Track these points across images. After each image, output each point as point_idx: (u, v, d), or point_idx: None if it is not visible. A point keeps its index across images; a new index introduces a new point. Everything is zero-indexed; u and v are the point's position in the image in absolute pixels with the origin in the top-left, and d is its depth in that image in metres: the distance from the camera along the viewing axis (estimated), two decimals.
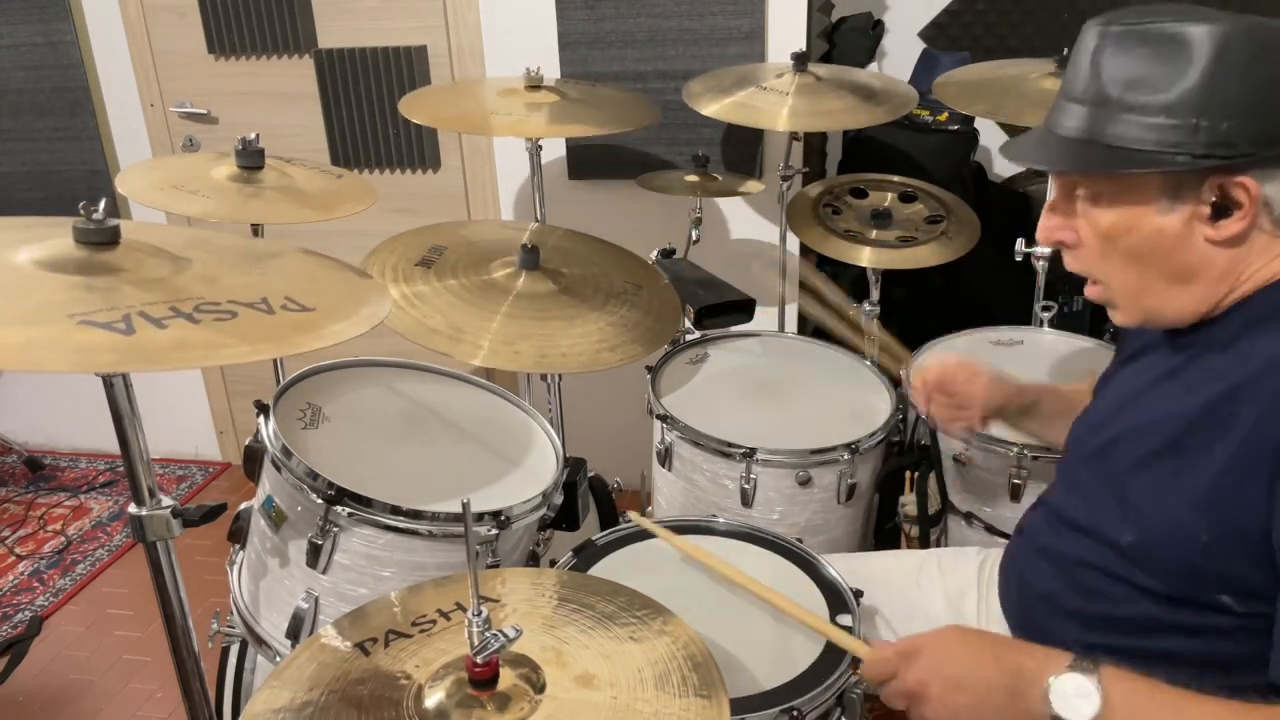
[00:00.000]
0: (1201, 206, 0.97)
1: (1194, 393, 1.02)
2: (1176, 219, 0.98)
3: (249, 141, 1.87)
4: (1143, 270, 1.02)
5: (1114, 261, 1.04)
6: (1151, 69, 0.95)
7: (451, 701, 0.91)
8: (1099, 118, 0.99)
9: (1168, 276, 1.02)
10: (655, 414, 1.78)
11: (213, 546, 2.74)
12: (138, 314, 0.92)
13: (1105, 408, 1.19)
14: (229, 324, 0.94)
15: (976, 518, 1.77)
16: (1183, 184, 0.96)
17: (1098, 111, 0.99)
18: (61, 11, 2.81)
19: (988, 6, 2.90)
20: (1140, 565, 1.04)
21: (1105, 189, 1.01)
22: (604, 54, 2.54)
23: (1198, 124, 0.93)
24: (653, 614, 1.04)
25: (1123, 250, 1.02)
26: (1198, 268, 1.00)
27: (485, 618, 0.91)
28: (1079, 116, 1.01)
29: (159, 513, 1.05)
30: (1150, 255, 1.01)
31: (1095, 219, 1.03)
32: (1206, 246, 0.99)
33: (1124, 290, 1.06)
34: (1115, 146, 0.97)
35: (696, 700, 0.91)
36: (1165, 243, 0.99)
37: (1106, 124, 0.98)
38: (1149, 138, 0.95)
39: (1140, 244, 1.01)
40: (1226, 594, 0.98)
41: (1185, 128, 0.94)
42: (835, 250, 2.16)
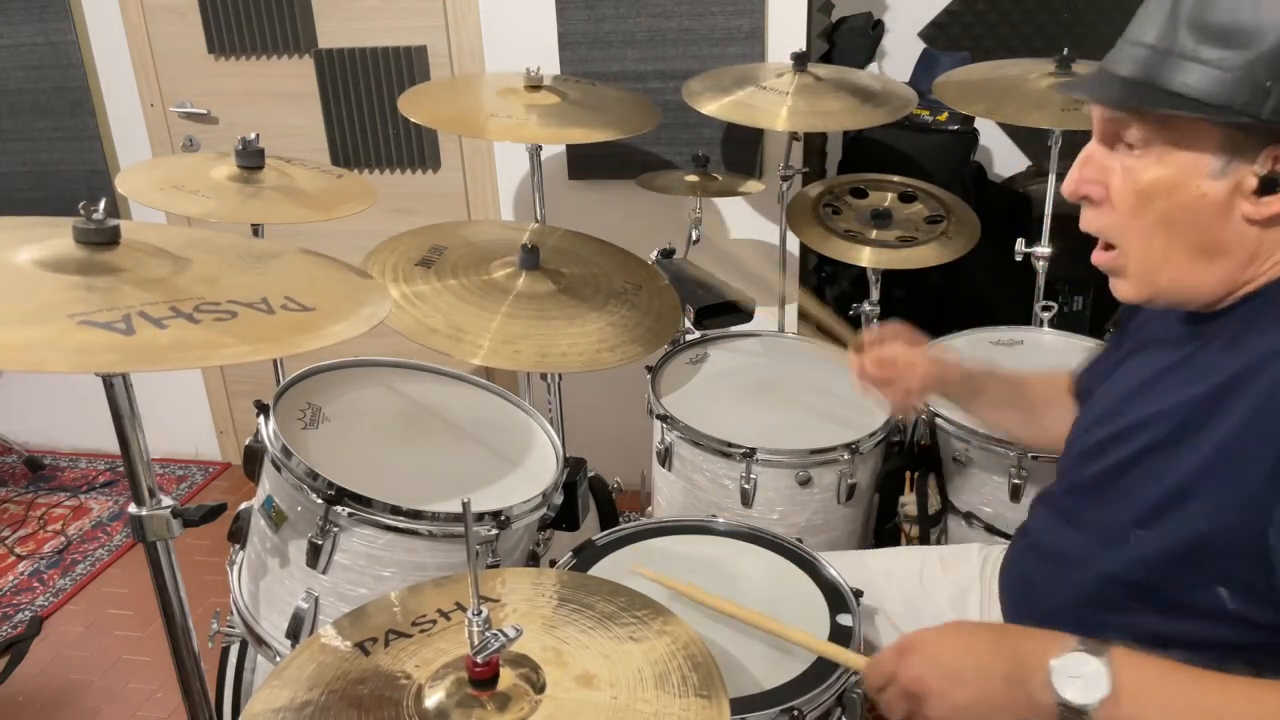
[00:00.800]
0: (1250, 178, 0.91)
1: (1190, 386, 0.99)
2: (1223, 186, 0.93)
3: (249, 141, 1.87)
4: (1170, 238, 0.97)
5: (1143, 224, 0.98)
6: (1237, 22, 0.89)
7: (451, 701, 0.91)
8: (1166, 64, 0.92)
9: (1194, 249, 0.97)
10: (655, 414, 1.78)
11: (213, 546, 2.74)
12: (138, 314, 0.92)
13: (1105, 405, 1.17)
14: (229, 324, 0.94)
15: (976, 518, 1.77)
16: (1240, 147, 0.91)
17: (1166, 57, 0.92)
18: (61, 11, 2.81)
19: (988, 6, 2.90)
20: (1144, 559, 1.02)
21: (1157, 139, 0.95)
22: (604, 54, 2.54)
23: (1270, 86, 0.87)
24: (653, 614, 1.04)
25: (1158, 212, 0.96)
26: (1227, 245, 0.95)
27: (485, 617, 0.91)
28: (1143, 60, 0.94)
29: (159, 513, 1.05)
30: (1184, 222, 0.96)
31: (1138, 173, 0.97)
32: (1241, 224, 0.94)
33: (1143, 259, 1.00)
34: (1178, 93, 0.91)
35: (696, 700, 0.91)
36: (1204, 211, 0.94)
37: (1174, 71, 0.91)
38: (1218, 91, 0.89)
39: (1178, 208, 0.95)
40: (1223, 586, 0.96)
41: (1258, 88, 0.88)
42: (835, 250, 2.16)
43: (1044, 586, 1.16)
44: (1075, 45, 2.13)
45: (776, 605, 1.30)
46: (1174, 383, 1.04)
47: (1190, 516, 0.97)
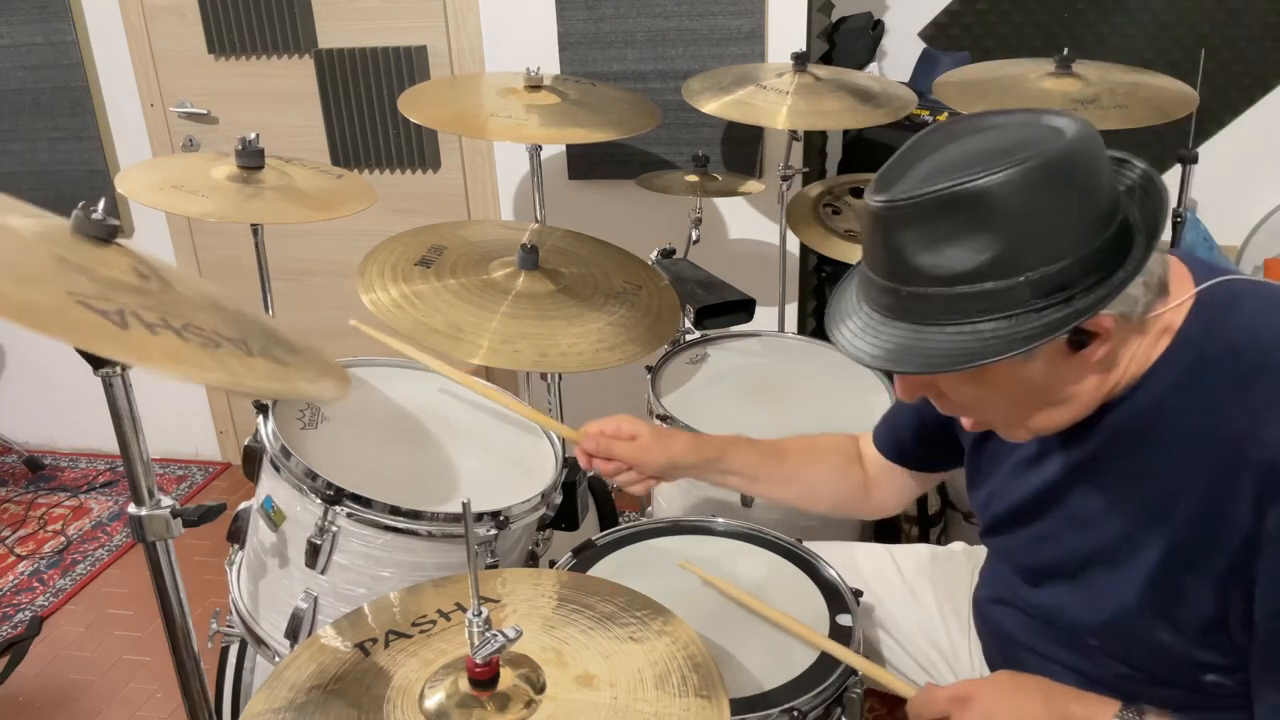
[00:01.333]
0: (1061, 344, 0.90)
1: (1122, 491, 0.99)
2: (1039, 364, 0.92)
3: (249, 141, 1.87)
4: (1020, 406, 0.98)
5: (987, 409, 1.00)
6: (958, 236, 0.85)
7: (451, 701, 0.91)
8: (924, 297, 0.88)
9: (1048, 405, 0.97)
10: (655, 414, 1.77)
11: (212, 546, 2.74)
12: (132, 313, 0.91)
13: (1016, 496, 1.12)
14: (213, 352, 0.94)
15: (976, 517, 1.77)
16: None
17: (916, 290, 0.88)
18: (61, 11, 2.81)
19: (988, 6, 2.89)
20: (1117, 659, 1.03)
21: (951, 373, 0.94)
22: (604, 54, 2.54)
23: (1027, 279, 0.85)
24: (653, 614, 1.04)
25: (992, 399, 0.97)
26: (1076, 390, 0.95)
27: (485, 618, 0.91)
28: (902, 297, 0.90)
29: (159, 513, 1.05)
30: (1021, 395, 0.96)
31: (954, 390, 0.99)
32: (1077, 373, 0.94)
33: (1005, 423, 1.02)
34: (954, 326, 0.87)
35: (696, 700, 0.91)
36: (1034, 386, 0.94)
37: (935, 302, 0.88)
38: (984, 307, 0.86)
39: (1009, 393, 0.96)
40: (1212, 674, 0.97)
41: (1017, 286, 0.85)
42: (835, 250, 2.16)
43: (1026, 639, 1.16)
44: (1075, 45, 2.13)
45: (776, 605, 1.30)
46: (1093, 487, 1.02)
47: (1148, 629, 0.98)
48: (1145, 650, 1.00)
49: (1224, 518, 0.89)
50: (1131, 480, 0.98)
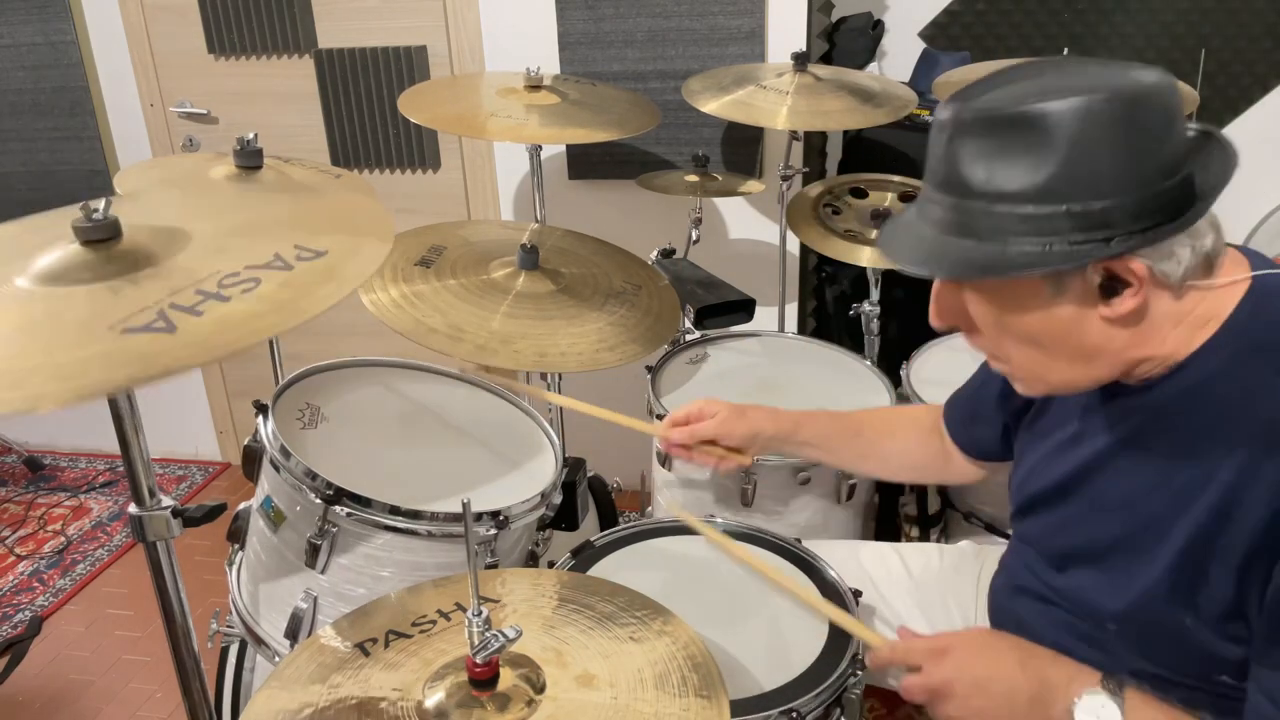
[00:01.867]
0: (1089, 290, 0.91)
1: (1154, 474, 0.98)
2: (1067, 304, 0.92)
3: (247, 142, 1.86)
4: (1043, 352, 0.97)
5: (1011, 345, 0.98)
6: (1013, 156, 0.87)
7: (451, 701, 0.91)
8: (966, 210, 0.91)
9: (1069, 356, 0.96)
10: (655, 414, 1.77)
11: (212, 546, 2.74)
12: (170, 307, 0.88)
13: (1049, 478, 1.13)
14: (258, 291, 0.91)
15: (976, 517, 1.77)
16: (1064, 273, 0.90)
17: (964, 203, 0.91)
18: (61, 11, 2.81)
19: (988, 6, 2.89)
20: (1133, 648, 1.03)
21: (987, 286, 0.96)
22: (604, 54, 2.54)
23: (1069, 209, 0.86)
24: (652, 614, 1.04)
25: (1018, 336, 0.97)
26: (1101, 345, 0.94)
27: (485, 618, 0.91)
28: (945, 208, 0.93)
29: (159, 513, 1.05)
30: (1047, 339, 0.95)
31: (983, 311, 0.97)
32: (1104, 325, 0.93)
33: (1028, 370, 1.00)
34: (987, 241, 0.90)
35: (696, 700, 0.91)
36: (1060, 327, 0.94)
37: (975, 216, 0.90)
38: (1021, 228, 0.88)
39: (1034, 330, 0.95)
40: (1225, 674, 0.97)
41: (1058, 215, 0.86)
42: (835, 250, 2.16)
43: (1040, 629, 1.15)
44: (1075, 45, 2.13)
45: (776, 605, 1.30)
46: (1125, 469, 1.02)
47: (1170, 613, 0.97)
48: (1164, 639, 0.99)
49: (1250, 502, 0.89)
50: (1165, 462, 0.97)
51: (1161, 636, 0.99)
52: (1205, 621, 0.95)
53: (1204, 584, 0.93)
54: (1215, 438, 0.93)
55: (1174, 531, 0.95)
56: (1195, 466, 0.94)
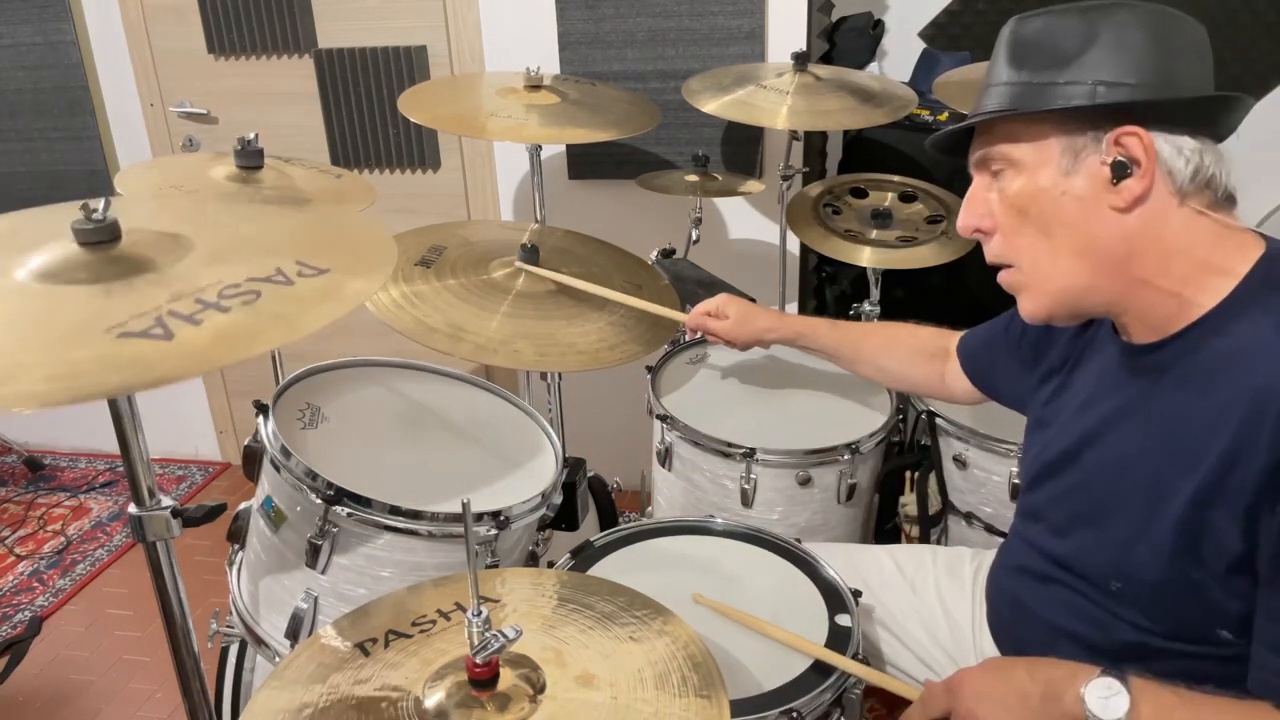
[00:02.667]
0: (1103, 169, 0.97)
1: (1161, 431, 1.00)
2: (1080, 182, 0.99)
3: (248, 142, 1.86)
4: (1052, 245, 1.02)
5: (1025, 236, 1.03)
6: (1060, 38, 0.98)
7: (451, 702, 0.91)
8: (1006, 90, 1.02)
9: (1076, 251, 1.01)
10: (655, 414, 1.77)
11: (212, 546, 2.74)
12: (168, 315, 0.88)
13: (1061, 444, 1.16)
14: (257, 304, 0.91)
15: (976, 518, 1.77)
16: (1082, 145, 0.98)
17: (1004, 88, 1.02)
18: (61, 11, 2.81)
19: (988, 6, 2.89)
20: (1135, 607, 1.04)
21: (1012, 157, 1.02)
22: (604, 54, 2.54)
23: (1096, 85, 0.96)
24: (652, 614, 1.04)
25: (1032, 220, 1.02)
26: (1108, 241, 0.99)
27: (485, 618, 0.91)
28: (989, 95, 1.04)
29: (159, 513, 1.05)
30: (1057, 224, 1.01)
31: (1005, 191, 1.04)
32: (1113, 215, 0.98)
33: (1034, 269, 1.04)
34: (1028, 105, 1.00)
35: (696, 700, 0.91)
36: (1071, 209, 0.99)
37: (1012, 91, 1.01)
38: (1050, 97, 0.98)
39: (1047, 212, 1.01)
40: (1225, 629, 0.98)
41: (1086, 88, 0.96)
42: (835, 250, 2.16)
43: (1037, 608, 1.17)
44: None
45: (775, 606, 1.30)
46: (1133, 429, 1.05)
47: (1177, 566, 0.98)
48: (1168, 596, 1.00)
49: (1251, 455, 0.91)
50: (1172, 419, 1.00)
51: (1165, 593, 1.00)
52: (1210, 575, 0.96)
53: (1211, 537, 0.95)
54: (1221, 395, 0.95)
55: (1181, 486, 0.97)
56: (1198, 422, 0.96)
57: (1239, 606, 0.96)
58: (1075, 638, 1.11)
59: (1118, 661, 1.01)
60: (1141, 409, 1.04)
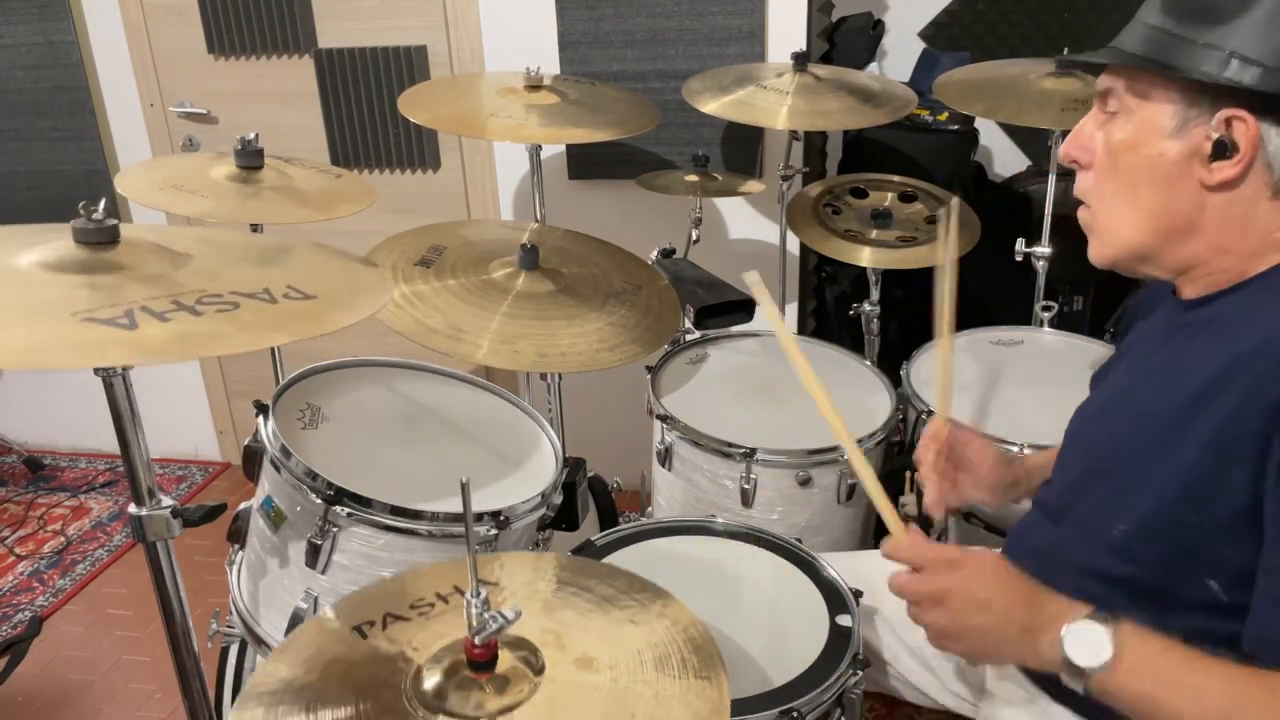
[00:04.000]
0: (1204, 143, 0.97)
1: (1184, 380, 1.02)
2: (1179, 147, 0.99)
3: (248, 141, 1.87)
4: (1134, 198, 1.04)
5: (1113, 184, 1.05)
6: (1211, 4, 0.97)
7: (450, 684, 0.91)
8: (1150, 36, 1.01)
9: (1153, 212, 1.03)
10: (655, 414, 1.77)
11: (212, 546, 2.73)
12: (140, 309, 0.92)
13: (1102, 400, 1.20)
14: (231, 314, 0.94)
15: (976, 517, 1.77)
16: (1195, 108, 0.98)
17: (1151, 31, 1.01)
18: (61, 11, 2.81)
19: (988, 6, 2.90)
20: (1130, 556, 1.04)
21: (1129, 104, 1.03)
22: (604, 54, 2.54)
23: (1230, 57, 0.95)
24: (651, 597, 1.04)
25: (1123, 170, 1.04)
26: (1186, 210, 1.01)
27: (484, 599, 0.90)
28: (1140, 37, 1.03)
29: (159, 513, 1.05)
30: (1144, 181, 1.02)
31: (1111, 133, 1.05)
32: (1198, 191, 1.00)
33: (1109, 216, 1.07)
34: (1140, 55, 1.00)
35: (696, 682, 0.91)
36: (1162, 170, 1.01)
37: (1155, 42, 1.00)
38: (1186, 61, 0.97)
39: (1139, 166, 1.02)
40: (1215, 579, 0.98)
41: (1219, 58, 0.95)
42: (835, 250, 2.16)
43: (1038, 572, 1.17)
44: (1075, 45, 2.13)
45: (776, 606, 1.30)
46: (1160, 383, 1.07)
47: (1179, 512, 0.99)
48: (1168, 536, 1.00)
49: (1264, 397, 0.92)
50: (1194, 367, 1.01)
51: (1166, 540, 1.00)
52: (1211, 521, 0.96)
53: (1218, 483, 0.95)
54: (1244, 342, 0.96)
55: (1194, 428, 0.97)
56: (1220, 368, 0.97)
57: (1237, 558, 0.96)
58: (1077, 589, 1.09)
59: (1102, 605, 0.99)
60: (1176, 361, 1.06)
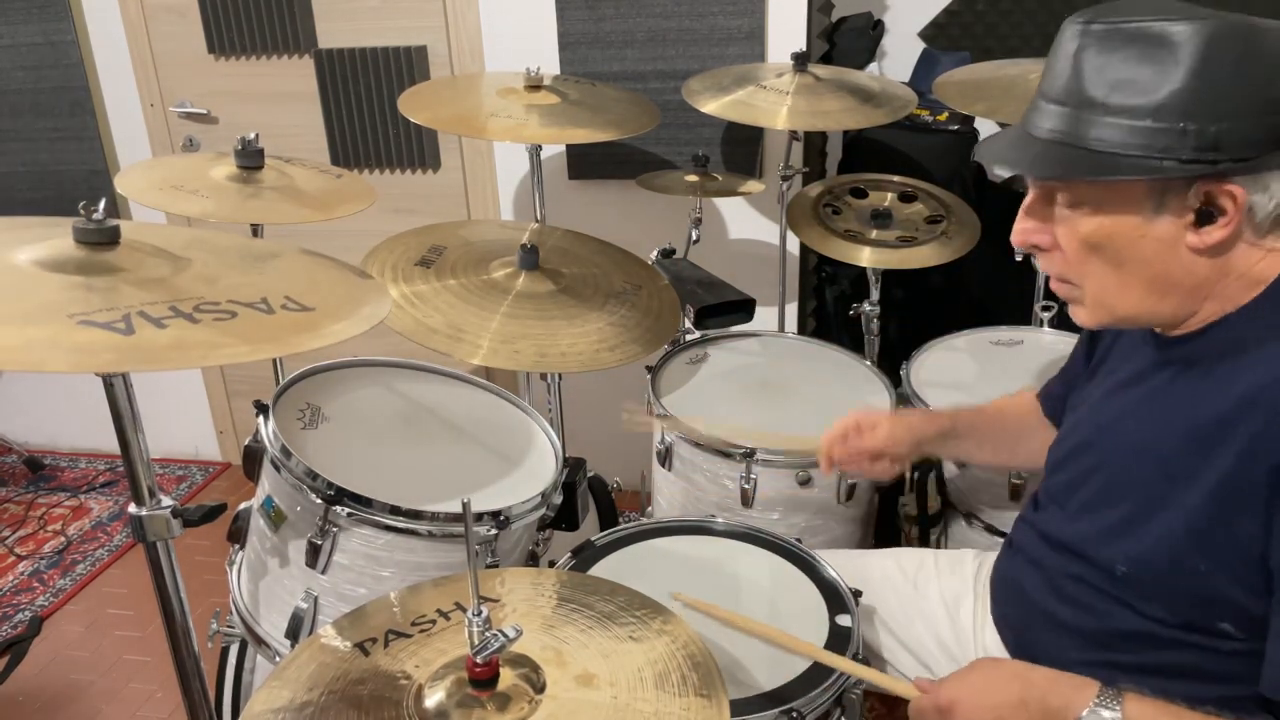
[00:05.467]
0: (1186, 213, 0.94)
1: (1179, 419, 1.00)
2: (1161, 226, 0.95)
3: (248, 141, 1.87)
4: (1122, 276, 0.99)
5: (1092, 267, 1.00)
6: (1137, 70, 0.91)
7: (451, 701, 0.91)
8: (1081, 120, 0.94)
9: (1147, 283, 0.99)
10: (655, 414, 1.77)
11: (213, 546, 2.74)
12: (137, 314, 0.92)
13: (1084, 430, 1.17)
14: (229, 324, 0.94)
15: (976, 518, 1.77)
16: (1168, 190, 0.93)
17: (1079, 114, 0.94)
18: (61, 11, 2.81)
19: (988, 6, 2.90)
20: (1137, 592, 1.04)
21: (1088, 195, 0.97)
22: (604, 54, 2.54)
23: (1185, 128, 0.89)
24: (652, 613, 1.04)
25: (1104, 257, 0.99)
26: (1179, 276, 0.97)
27: (485, 617, 0.91)
28: (1059, 118, 0.96)
29: (159, 513, 1.05)
30: (1132, 261, 0.98)
31: (1075, 225, 0.99)
32: (1189, 255, 0.96)
33: (1099, 294, 1.02)
34: (1098, 151, 0.93)
35: (696, 700, 0.91)
36: (1148, 250, 0.96)
37: (1089, 127, 0.94)
38: (1135, 141, 0.91)
39: (1123, 251, 0.97)
40: (1227, 622, 0.98)
41: (1173, 131, 0.90)
42: (835, 250, 2.16)
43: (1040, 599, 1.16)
44: None
45: (775, 606, 1.30)
46: (1155, 414, 1.05)
47: (1186, 549, 0.98)
48: (1174, 583, 1.00)
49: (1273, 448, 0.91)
50: (1193, 409, 0.99)
51: (1171, 581, 1.00)
52: (1222, 567, 0.95)
53: (1228, 530, 0.94)
54: (1243, 387, 0.95)
55: (1201, 475, 0.96)
56: (1222, 413, 0.96)
57: (1249, 602, 0.95)
58: (1077, 626, 1.10)
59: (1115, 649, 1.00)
60: (1164, 397, 1.04)
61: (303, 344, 0.96)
